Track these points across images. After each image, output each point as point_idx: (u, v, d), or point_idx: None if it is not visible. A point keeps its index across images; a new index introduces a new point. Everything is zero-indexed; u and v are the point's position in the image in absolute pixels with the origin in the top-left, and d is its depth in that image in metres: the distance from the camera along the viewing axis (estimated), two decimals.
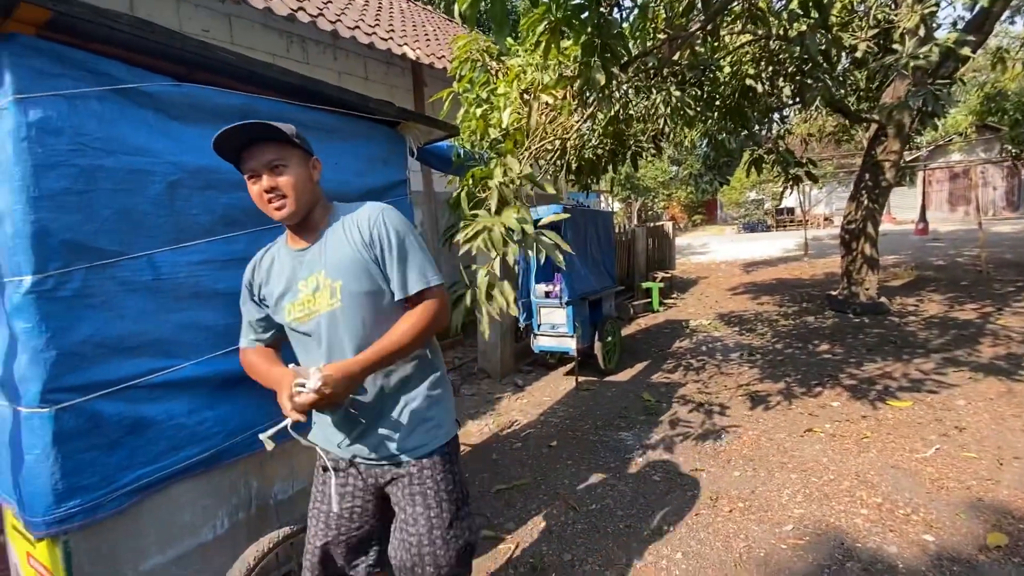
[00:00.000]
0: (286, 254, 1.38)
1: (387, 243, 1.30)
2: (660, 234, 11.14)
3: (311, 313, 1.31)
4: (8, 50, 1.25)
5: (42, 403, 1.24)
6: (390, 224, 1.32)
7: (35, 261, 1.23)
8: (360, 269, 1.29)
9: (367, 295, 1.30)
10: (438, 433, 1.40)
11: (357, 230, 1.31)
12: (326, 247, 1.32)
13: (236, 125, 1.21)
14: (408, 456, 1.35)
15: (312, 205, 1.33)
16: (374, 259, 1.30)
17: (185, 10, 4.38)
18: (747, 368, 5.12)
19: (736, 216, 26.89)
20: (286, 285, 1.35)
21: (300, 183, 1.29)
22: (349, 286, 1.28)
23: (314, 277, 1.31)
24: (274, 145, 1.27)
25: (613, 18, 2.50)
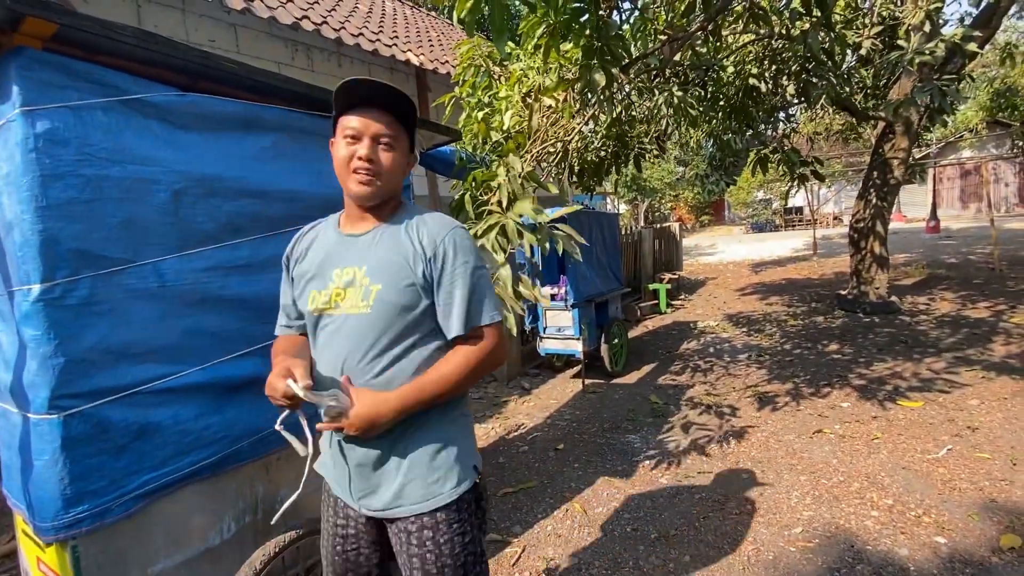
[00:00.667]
0: (334, 235, 1.23)
1: (451, 266, 1.14)
2: (667, 235, 11.09)
3: (333, 308, 1.17)
4: (15, 63, 1.28)
5: (51, 409, 1.26)
6: (461, 246, 1.16)
7: (43, 270, 1.25)
8: (405, 279, 1.13)
9: (402, 309, 1.13)
10: (446, 485, 1.17)
11: (418, 239, 1.16)
12: (379, 242, 1.17)
13: (374, 81, 1.11)
14: (405, 511, 1.16)
15: (392, 195, 1.21)
16: (425, 275, 1.14)
17: (191, 21, 4.45)
18: (755, 369, 5.08)
19: (744, 216, 26.73)
20: (319, 268, 1.20)
21: (396, 168, 1.16)
22: (387, 294, 1.12)
23: (352, 270, 1.16)
24: (392, 119, 1.14)
25: (612, 20, 2.51)
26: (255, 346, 1.68)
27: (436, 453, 1.17)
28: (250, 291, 1.67)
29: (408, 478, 1.15)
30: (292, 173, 1.82)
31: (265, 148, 1.74)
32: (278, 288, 1.73)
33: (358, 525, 1.24)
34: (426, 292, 1.15)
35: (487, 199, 2.50)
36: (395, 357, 1.14)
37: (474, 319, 1.16)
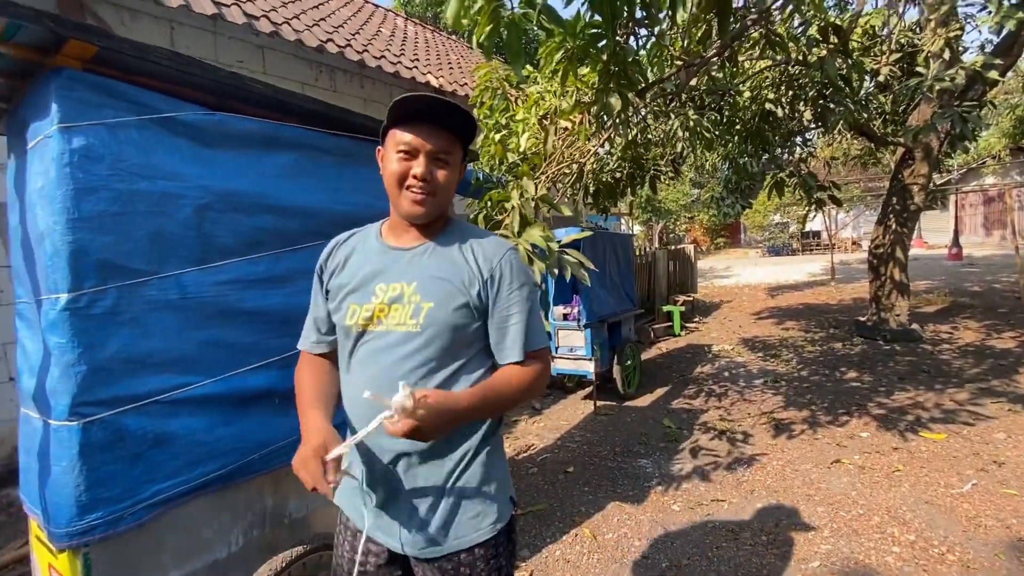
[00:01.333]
0: (376, 247, 1.17)
1: (508, 289, 1.12)
2: (681, 257, 11.04)
3: (375, 323, 1.10)
4: (56, 82, 1.34)
5: (71, 416, 1.29)
6: (518, 269, 1.15)
7: (71, 280, 1.29)
8: (458, 299, 1.09)
9: (453, 329, 1.08)
10: (486, 521, 1.12)
11: (474, 259, 1.12)
12: (430, 259, 1.12)
13: (431, 96, 1.04)
14: (441, 550, 1.09)
15: (444, 210, 1.17)
16: (480, 296, 1.10)
17: (222, 42, 4.62)
18: (771, 395, 4.98)
19: (760, 239, 26.51)
20: (361, 282, 1.14)
21: (450, 185, 1.12)
22: (439, 312, 1.07)
23: (400, 285, 1.10)
24: (448, 134, 1.09)
25: (629, 46, 2.55)
26: (269, 359, 1.71)
27: (480, 487, 1.12)
28: (266, 305, 1.70)
29: (452, 514, 1.10)
30: (310, 190, 1.86)
31: (285, 166, 1.79)
32: (293, 302, 1.76)
33: (379, 561, 1.16)
34: (479, 313, 1.11)
35: (501, 219, 2.53)
36: (444, 378, 1.09)
37: (530, 344, 1.13)
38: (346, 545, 1.21)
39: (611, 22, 2.28)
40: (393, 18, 8.40)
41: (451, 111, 1.06)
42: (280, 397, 1.71)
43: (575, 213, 3.56)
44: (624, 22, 2.47)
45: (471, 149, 2.61)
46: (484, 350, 1.16)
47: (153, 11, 4.11)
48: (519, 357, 1.12)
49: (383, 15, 8.09)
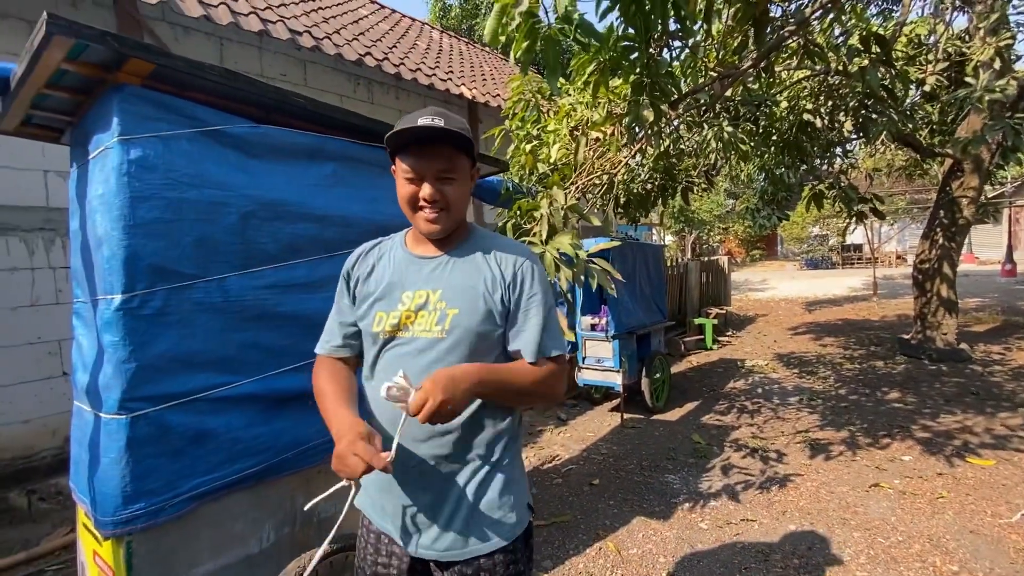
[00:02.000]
0: (402, 256, 1.20)
1: (528, 293, 1.15)
2: (715, 268, 10.83)
3: (402, 330, 1.13)
4: (117, 97, 1.44)
5: (120, 410, 1.37)
6: (539, 277, 1.18)
7: (125, 282, 1.38)
8: (483, 304, 1.12)
9: (479, 336, 1.11)
10: (505, 526, 1.13)
11: (497, 265, 1.15)
12: (454, 266, 1.15)
13: (418, 127, 1.05)
14: (463, 553, 1.11)
15: (462, 219, 1.19)
16: (503, 301, 1.13)
17: (267, 57, 4.83)
18: (807, 413, 4.82)
19: (798, 252, 25.75)
20: (387, 289, 1.16)
21: (462, 196, 1.14)
22: (464, 319, 1.10)
23: (425, 293, 1.13)
24: (448, 150, 1.09)
25: (662, 58, 2.55)
26: (304, 362, 1.77)
27: (501, 492, 1.14)
28: (303, 309, 1.76)
29: (473, 518, 1.11)
30: (348, 200, 1.93)
31: (326, 176, 1.86)
32: (328, 307, 1.81)
33: (401, 565, 1.17)
34: (501, 319, 1.14)
35: (529, 228, 2.55)
36: None
37: (545, 348, 1.14)
38: (369, 548, 1.22)
39: (644, 35, 2.29)
40: (429, 31, 8.60)
41: (445, 135, 1.06)
42: (312, 399, 1.77)
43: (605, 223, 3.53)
44: (658, 34, 2.48)
45: (501, 159, 2.64)
46: (504, 355, 1.18)
47: (205, 28, 4.33)
48: (532, 359, 1.14)
49: (419, 28, 8.30)
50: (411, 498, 1.13)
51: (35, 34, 1.30)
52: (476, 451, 1.13)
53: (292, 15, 4.86)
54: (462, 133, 1.07)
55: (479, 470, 1.13)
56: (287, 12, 4.84)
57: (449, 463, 1.11)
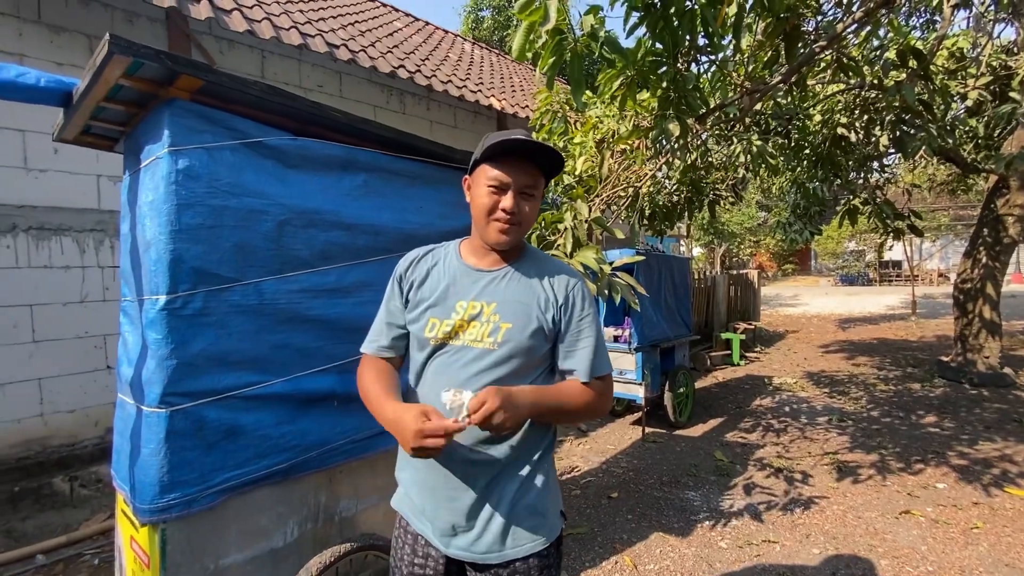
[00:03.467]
0: (457, 266, 1.23)
1: (580, 315, 1.19)
2: (744, 282, 10.63)
3: (453, 339, 1.16)
4: (168, 111, 1.54)
5: (160, 404, 1.46)
6: (588, 298, 1.23)
7: (169, 283, 1.47)
8: (535, 321, 1.16)
9: (528, 351, 1.15)
10: (542, 530, 1.17)
11: (551, 286, 1.20)
12: (510, 281, 1.19)
13: (521, 140, 1.09)
14: (500, 556, 1.14)
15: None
16: (554, 320, 1.18)
17: (305, 69, 5.02)
18: (836, 434, 4.68)
19: (832, 267, 25.03)
20: (441, 297, 1.20)
21: (534, 215, 1.20)
22: (516, 333, 1.14)
23: (479, 304, 1.16)
24: (534, 169, 1.15)
25: (690, 73, 2.56)
26: (331, 364, 1.84)
27: (538, 498, 1.17)
28: (331, 313, 1.83)
29: (511, 523, 1.14)
30: (378, 209, 2.00)
31: (357, 186, 1.94)
32: (356, 312, 1.90)
33: (437, 566, 1.20)
34: (549, 337, 1.19)
35: (553, 240, 2.58)
36: None
37: (597, 368, 1.19)
38: (406, 548, 1.24)
39: (672, 50, 2.31)
40: (461, 43, 8.77)
41: (542, 150, 1.11)
42: (339, 400, 1.84)
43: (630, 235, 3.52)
44: (685, 49, 2.49)
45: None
46: (549, 372, 1.23)
47: (248, 41, 4.54)
48: (586, 378, 1.18)
49: (452, 40, 8.47)
50: (452, 500, 1.15)
51: (98, 53, 1.41)
52: (517, 457, 1.17)
53: (330, 29, 5.04)
54: (559, 153, 1.15)
55: (519, 475, 1.17)
56: (325, 26, 5.03)
57: (491, 468, 1.14)
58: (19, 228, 3.38)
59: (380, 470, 1.96)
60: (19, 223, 3.38)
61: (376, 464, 1.96)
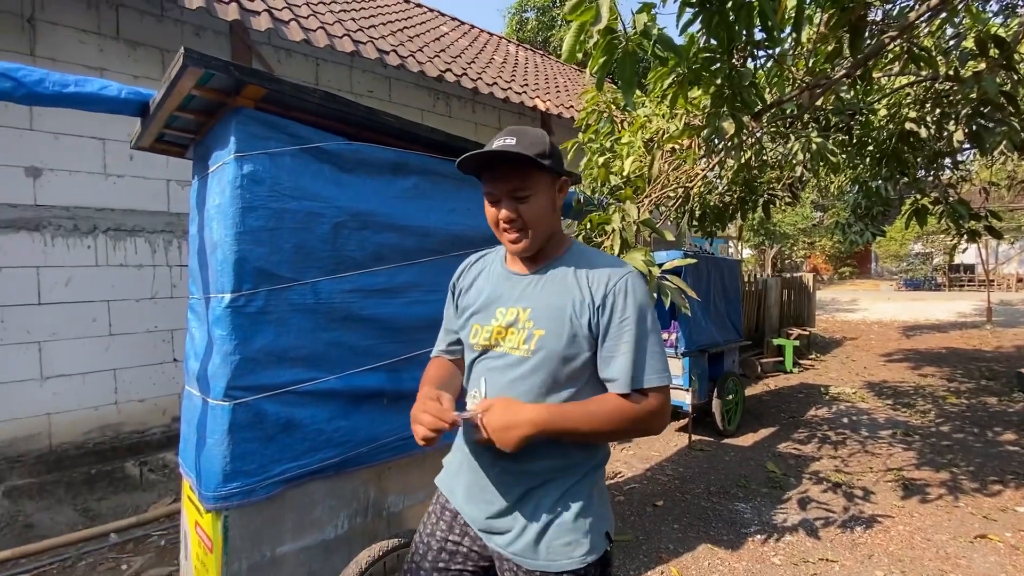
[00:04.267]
0: (500, 271, 1.23)
1: (620, 316, 1.07)
2: (797, 286, 10.16)
3: (493, 346, 1.15)
4: (235, 119, 1.62)
5: (225, 397, 1.53)
6: (635, 297, 1.08)
7: (234, 282, 1.54)
8: (569, 327, 1.08)
9: (563, 359, 1.08)
10: (577, 551, 1.08)
11: (587, 284, 1.10)
12: (545, 285, 1.14)
13: (477, 154, 1.07)
14: (532, 564, 1.09)
15: (550, 233, 1.16)
16: (591, 325, 1.08)
17: (356, 75, 5.18)
18: (901, 449, 4.40)
19: (895, 270, 23.57)
20: (484, 303, 1.19)
21: (543, 213, 1.11)
22: (550, 341, 1.08)
23: (516, 310, 1.13)
24: (520, 169, 1.09)
25: (746, 68, 2.46)
26: (382, 362, 1.88)
27: (577, 514, 1.10)
28: (383, 312, 1.88)
29: (544, 530, 1.09)
30: (427, 211, 2.04)
31: (408, 188, 1.98)
32: (405, 312, 1.94)
33: (473, 547, 1.19)
34: (589, 343, 1.08)
35: (601, 242, 2.54)
36: None
37: (639, 379, 1.05)
38: (441, 524, 1.24)
39: (727, 45, 2.23)
40: (506, 45, 8.82)
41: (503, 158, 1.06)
42: (388, 398, 1.88)
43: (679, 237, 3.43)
44: (741, 45, 2.41)
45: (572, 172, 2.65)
46: (595, 381, 1.12)
47: (304, 50, 4.73)
48: (625, 389, 1.06)
49: (497, 43, 8.53)
50: (489, 504, 1.14)
51: (173, 65, 1.50)
52: (556, 469, 1.11)
53: (380, 35, 5.18)
54: (521, 153, 1.03)
55: (559, 491, 1.10)
56: (376, 33, 5.17)
57: (528, 480, 1.11)
58: (99, 229, 3.65)
59: (428, 468, 1.99)
60: (99, 225, 3.65)
61: (424, 462, 1.99)
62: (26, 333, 3.37)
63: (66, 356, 3.51)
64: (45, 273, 3.45)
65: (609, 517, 1.17)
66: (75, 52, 3.58)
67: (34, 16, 3.44)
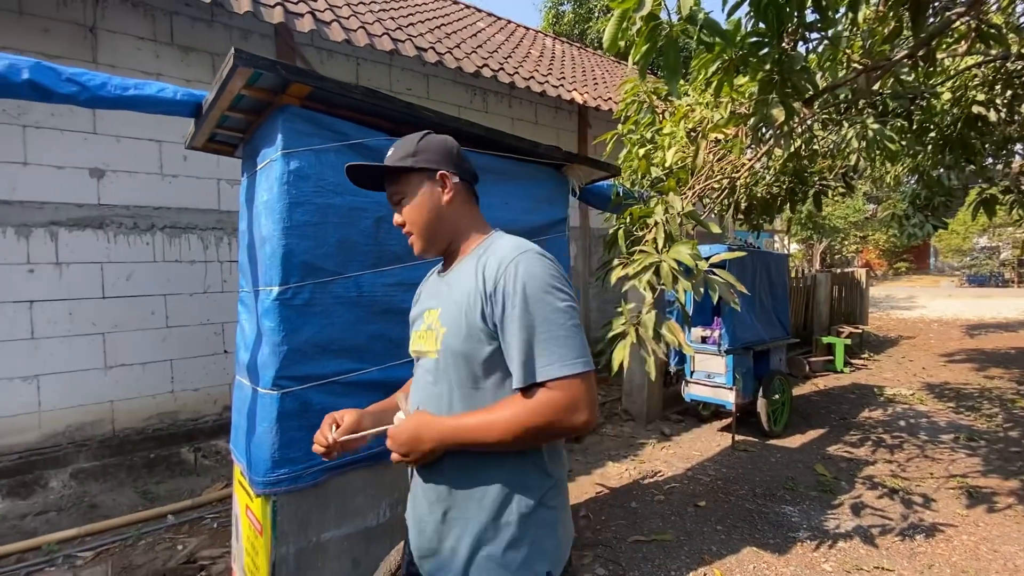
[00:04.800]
0: (433, 277, 1.21)
1: (510, 303, 0.95)
2: (849, 282, 9.69)
3: (420, 352, 1.12)
4: (282, 117, 1.67)
5: (273, 386, 1.58)
6: (522, 278, 0.95)
7: (281, 275, 1.59)
8: (464, 321, 1.00)
9: (463, 357, 1.00)
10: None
11: (483, 273, 1.00)
12: (452, 282, 1.08)
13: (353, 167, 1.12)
14: None
15: (449, 231, 1.11)
16: (485, 315, 0.98)
17: (395, 73, 5.26)
18: (964, 455, 4.13)
19: (958, 266, 22.16)
20: (417, 311, 1.19)
21: (418, 212, 1.09)
22: (450, 339, 1.01)
23: (432, 312, 1.10)
24: (393, 179, 1.11)
25: (797, 52, 2.35)
26: None
27: (508, 550, 0.96)
28: None
29: (472, 568, 0.98)
30: None
31: None
32: None
33: None
34: (488, 336, 0.98)
35: (642, 235, 2.49)
36: (466, 407, 1.00)
37: (531, 371, 0.93)
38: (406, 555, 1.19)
39: (776, 28, 2.13)
40: (542, 39, 8.75)
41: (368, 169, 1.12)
42: None
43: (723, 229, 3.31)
44: (793, 27, 2.29)
45: (611, 164, 2.59)
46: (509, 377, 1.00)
47: (344, 50, 4.83)
48: (518, 385, 0.94)
49: (533, 37, 8.47)
50: (420, 524, 1.07)
51: (224, 66, 1.55)
52: (475, 498, 0.99)
53: (419, 33, 5.23)
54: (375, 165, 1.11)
55: (481, 518, 0.98)
56: (414, 31, 5.22)
57: (441, 502, 1.02)
58: (156, 227, 3.84)
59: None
60: (156, 222, 3.84)
61: None
62: (92, 325, 3.59)
63: (127, 347, 3.72)
64: (108, 268, 3.66)
65: (555, 554, 1.01)
66: (133, 58, 3.78)
67: (96, 25, 3.65)
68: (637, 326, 2.25)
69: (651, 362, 2.27)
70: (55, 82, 1.59)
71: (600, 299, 7.10)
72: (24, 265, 3.38)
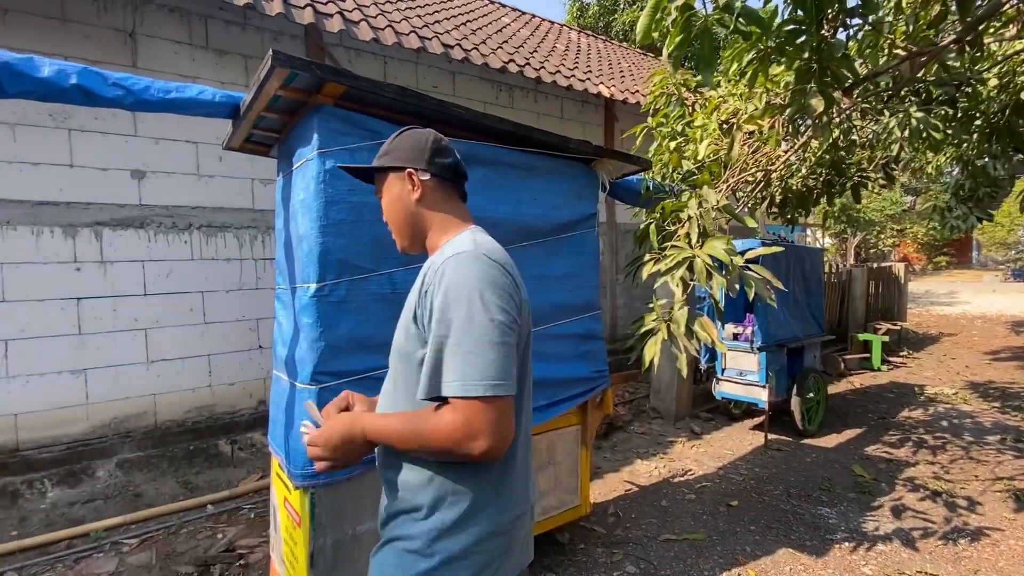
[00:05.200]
0: None
1: (433, 308, 0.89)
2: (886, 277, 9.37)
3: None
4: (317, 116, 1.69)
5: (311, 381, 1.61)
6: (446, 282, 0.88)
7: (319, 272, 1.62)
8: (405, 323, 1.00)
9: (403, 357, 0.99)
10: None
11: (424, 273, 0.97)
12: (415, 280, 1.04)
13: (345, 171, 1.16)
14: None
15: (421, 228, 1.07)
16: (417, 318, 0.95)
17: (422, 71, 5.29)
18: (1012, 457, 3.96)
19: (1002, 260, 21.18)
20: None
21: (393, 209, 1.09)
22: (397, 338, 1.02)
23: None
24: (373, 176, 1.14)
25: (837, 39, 2.27)
26: None
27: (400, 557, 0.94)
28: None
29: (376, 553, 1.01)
30: (495, 202, 2.04)
31: (478, 180, 1.98)
32: None
33: None
34: (421, 340, 0.93)
35: (674, 230, 2.44)
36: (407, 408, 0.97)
37: (434, 384, 0.87)
38: None
39: (815, 15, 2.07)
40: (568, 33, 8.67)
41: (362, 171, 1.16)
42: None
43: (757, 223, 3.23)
44: (833, 13, 2.21)
45: (642, 157, 2.54)
46: None
47: (372, 49, 4.88)
48: (420, 395, 0.89)
49: (558, 31, 8.41)
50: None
51: (262, 67, 1.58)
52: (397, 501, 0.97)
53: (445, 30, 5.24)
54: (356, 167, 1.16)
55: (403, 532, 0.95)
56: (440, 28, 5.24)
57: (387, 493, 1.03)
58: (193, 226, 3.96)
59: None
60: (193, 222, 3.96)
61: None
62: (134, 321, 3.73)
63: (168, 342, 3.85)
64: (149, 267, 3.79)
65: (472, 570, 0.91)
66: (170, 62, 3.89)
67: (135, 31, 3.77)
68: (668, 322, 2.22)
69: (683, 359, 2.24)
70: (101, 86, 1.65)
71: (627, 295, 7.03)
72: (71, 263, 3.53)
